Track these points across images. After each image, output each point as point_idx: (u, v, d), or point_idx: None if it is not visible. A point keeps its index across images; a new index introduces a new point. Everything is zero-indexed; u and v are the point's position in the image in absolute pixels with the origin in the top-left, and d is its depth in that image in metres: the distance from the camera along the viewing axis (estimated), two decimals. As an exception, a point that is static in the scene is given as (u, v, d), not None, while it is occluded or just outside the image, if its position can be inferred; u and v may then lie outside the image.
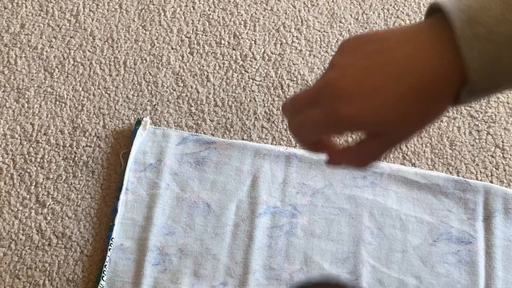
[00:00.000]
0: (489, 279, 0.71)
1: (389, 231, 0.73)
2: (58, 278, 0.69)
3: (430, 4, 0.48)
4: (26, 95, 0.82)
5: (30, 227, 0.72)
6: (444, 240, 0.73)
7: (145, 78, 0.84)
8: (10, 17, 0.88)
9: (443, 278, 0.71)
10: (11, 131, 0.79)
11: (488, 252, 0.72)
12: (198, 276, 0.70)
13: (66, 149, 0.78)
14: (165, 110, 0.81)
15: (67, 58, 0.85)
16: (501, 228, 0.74)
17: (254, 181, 0.76)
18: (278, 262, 0.71)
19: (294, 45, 0.87)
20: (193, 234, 0.72)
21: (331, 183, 0.76)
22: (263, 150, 0.78)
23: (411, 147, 0.79)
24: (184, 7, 0.90)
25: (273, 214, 0.74)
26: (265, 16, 0.90)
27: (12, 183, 0.75)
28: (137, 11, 0.89)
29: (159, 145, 0.78)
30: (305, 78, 0.84)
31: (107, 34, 0.87)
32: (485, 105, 0.83)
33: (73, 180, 0.76)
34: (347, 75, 0.52)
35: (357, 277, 0.70)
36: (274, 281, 0.70)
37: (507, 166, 0.79)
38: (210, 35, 0.88)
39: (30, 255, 0.71)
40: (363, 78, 0.51)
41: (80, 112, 0.81)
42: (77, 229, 0.72)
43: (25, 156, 0.77)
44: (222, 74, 0.84)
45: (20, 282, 0.69)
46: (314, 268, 0.71)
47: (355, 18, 0.90)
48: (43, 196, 0.74)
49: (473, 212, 0.75)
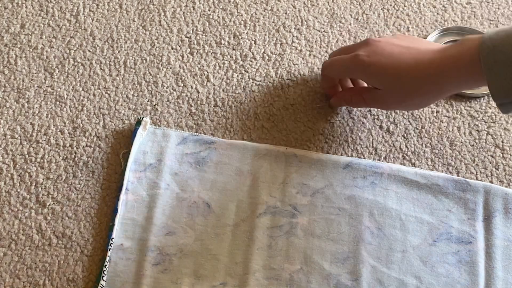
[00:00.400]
0: (489, 279, 0.71)
1: (389, 231, 0.73)
2: (58, 278, 0.69)
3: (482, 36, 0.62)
4: (26, 95, 0.82)
5: (30, 227, 0.72)
6: (444, 240, 0.73)
7: (145, 78, 0.84)
8: (10, 17, 0.88)
9: (443, 278, 0.71)
10: (11, 131, 0.79)
11: (488, 252, 0.72)
12: (198, 276, 0.70)
13: (66, 149, 0.78)
14: (165, 110, 0.81)
15: (67, 58, 0.85)
16: (501, 228, 0.74)
17: (254, 181, 0.76)
18: (278, 262, 0.71)
19: (294, 45, 0.87)
20: (193, 234, 0.72)
21: (331, 183, 0.76)
22: (263, 150, 0.78)
23: (411, 147, 0.79)
24: (184, 7, 0.90)
25: (273, 214, 0.74)
26: (265, 16, 0.90)
27: (12, 183, 0.75)
28: (137, 11, 0.89)
29: (159, 145, 0.78)
30: (305, 78, 0.84)
31: (107, 34, 0.87)
32: (485, 105, 0.83)
33: (73, 180, 0.76)
34: (382, 41, 0.71)
35: (357, 277, 0.70)
36: (274, 281, 0.70)
37: (507, 166, 0.79)
38: (210, 35, 0.88)
39: (30, 255, 0.71)
40: (392, 49, 0.70)
41: (80, 112, 0.81)
42: (77, 229, 0.72)
43: (25, 156, 0.77)
44: (222, 74, 0.84)
45: (20, 282, 0.69)
46: (314, 268, 0.71)
47: (355, 18, 0.90)
48: (43, 196, 0.74)
49: (473, 212, 0.75)
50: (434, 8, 0.92)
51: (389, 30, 0.89)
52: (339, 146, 0.79)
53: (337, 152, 0.79)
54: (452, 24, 0.90)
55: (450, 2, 0.92)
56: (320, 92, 0.83)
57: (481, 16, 0.91)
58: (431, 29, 0.89)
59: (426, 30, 0.89)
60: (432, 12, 0.91)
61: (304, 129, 0.80)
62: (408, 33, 0.89)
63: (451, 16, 0.91)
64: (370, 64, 0.70)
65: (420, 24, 0.90)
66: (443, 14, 0.91)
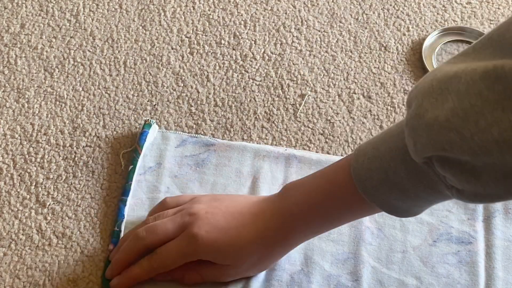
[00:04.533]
0: (489, 279, 0.71)
1: (389, 231, 0.73)
2: (58, 278, 0.69)
3: None
4: (26, 95, 0.82)
5: (30, 227, 0.72)
6: (444, 241, 0.73)
7: (145, 78, 0.84)
8: (10, 17, 0.88)
9: (443, 278, 0.71)
10: (11, 131, 0.79)
11: (488, 252, 0.72)
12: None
13: (66, 149, 0.78)
14: (165, 110, 0.81)
15: (67, 58, 0.85)
16: (501, 228, 0.74)
17: (254, 182, 0.76)
18: (279, 263, 0.71)
19: (294, 45, 0.87)
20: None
21: (331, 183, 0.75)
22: (263, 151, 0.78)
23: (411, 148, 0.79)
24: (184, 7, 0.90)
25: (273, 215, 0.74)
26: (265, 16, 0.90)
27: (12, 183, 0.75)
28: (137, 11, 0.89)
29: (158, 147, 0.77)
30: (305, 78, 0.84)
31: (107, 34, 0.87)
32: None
33: (73, 180, 0.76)
34: (208, 212, 0.66)
35: (358, 277, 0.70)
36: (275, 282, 0.70)
37: (507, 166, 0.79)
38: (210, 35, 0.88)
39: (30, 255, 0.71)
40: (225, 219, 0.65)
41: (80, 112, 0.81)
42: (77, 229, 0.72)
43: (25, 156, 0.77)
44: (222, 74, 0.84)
45: (20, 282, 0.69)
46: (314, 268, 0.71)
47: (355, 18, 0.90)
48: (43, 196, 0.74)
49: (473, 212, 0.75)
50: (434, 8, 0.92)
51: (389, 30, 0.89)
52: (339, 146, 0.79)
53: (337, 152, 0.79)
54: (452, 24, 0.90)
55: (450, 2, 0.92)
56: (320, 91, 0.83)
57: (481, 16, 0.91)
58: (431, 29, 0.89)
59: (426, 30, 0.89)
60: (432, 12, 0.91)
61: (304, 129, 0.80)
62: (408, 33, 0.89)
63: (451, 16, 0.91)
64: (213, 242, 0.64)
65: (420, 24, 0.90)
66: (443, 14, 0.91)
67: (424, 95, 0.52)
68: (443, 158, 0.52)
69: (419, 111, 0.52)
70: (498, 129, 0.47)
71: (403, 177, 0.58)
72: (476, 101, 0.47)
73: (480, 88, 0.47)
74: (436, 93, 0.50)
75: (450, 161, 0.52)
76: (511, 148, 0.47)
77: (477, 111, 0.47)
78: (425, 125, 0.51)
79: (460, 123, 0.48)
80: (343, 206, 0.64)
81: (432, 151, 0.52)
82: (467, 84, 0.48)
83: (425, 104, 0.51)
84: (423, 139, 0.52)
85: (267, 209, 0.66)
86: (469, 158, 0.50)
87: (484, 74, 0.47)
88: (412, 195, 0.59)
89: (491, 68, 0.47)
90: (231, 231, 0.65)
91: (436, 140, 0.51)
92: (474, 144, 0.48)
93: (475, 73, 0.48)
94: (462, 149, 0.49)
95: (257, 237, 0.65)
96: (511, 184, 0.51)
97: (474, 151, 0.49)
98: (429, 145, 0.52)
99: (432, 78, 0.52)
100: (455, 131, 0.49)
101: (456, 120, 0.49)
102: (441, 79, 0.51)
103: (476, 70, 0.48)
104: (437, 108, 0.50)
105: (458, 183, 0.53)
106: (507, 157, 0.48)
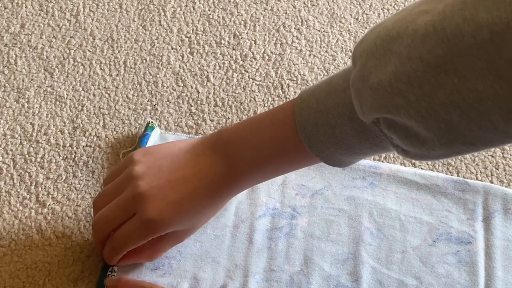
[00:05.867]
0: (489, 279, 0.71)
1: (388, 231, 0.73)
2: (58, 278, 0.70)
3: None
4: (26, 95, 0.82)
5: (30, 227, 0.72)
6: (444, 241, 0.73)
7: (145, 78, 0.84)
8: (10, 17, 0.88)
9: (443, 278, 0.71)
10: (11, 131, 0.79)
11: (488, 252, 0.72)
12: (198, 279, 0.70)
13: (66, 149, 0.78)
14: (165, 110, 0.81)
15: (67, 58, 0.85)
16: (500, 228, 0.74)
17: (253, 182, 0.76)
18: (278, 263, 0.71)
19: (294, 45, 0.87)
20: (192, 236, 0.72)
21: (330, 184, 0.76)
22: (263, 151, 0.78)
23: (411, 148, 0.79)
24: (184, 7, 0.90)
25: (272, 216, 0.74)
26: (265, 16, 0.90)
27: (12, 183, 0.75)
28: (137, 11, 0.89)
29: (157, 148, 0.77)
30: (305, 78, 0.84)
31: (107, 34, 0.87)
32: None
33: (73, 180, 0.76)
34: (153, 187, 0.63)
35: (357, 278, 0.70)
36: (275, 283, 0.70)
37: (507, 166, 0.79)
38: (210, 35, 0.88)
39: (30, 255, 0.71)
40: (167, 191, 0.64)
41: (80, 112, 0.81)
42: (77, 229, 0.72)
43: (25, 156, 0.77)
44: (222, 74, 0.84)
45: (20, 282, 0.69)
46: (314, 269, 0.71)
47: (355, 18, 0.90)
48: (43, 196, 0.74)
49: (473, 212, 0.75)
50: (434, 8, 0.91)
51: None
52: (339, 147, 0.79)
53: (337, 152, 0.79)
54: (452, 24, 0.90)
55: (450, 2, 0.92)
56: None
57: (481, 15, 0.91)
58: (431, 29, 0.89)
59: (426, 30, 0.89)
60: (432, 11, 0.91)
61: (304, 129, 0.80)
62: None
63: (451, 16, 0.91)
64: (170, 220, 0.64)
65: (420, 24, 0.90)
66: (443, 14, 0.91)
67: (368, 55, 0.51)
68: (390, 120, 0.52)
69: (363, 73, 0.51)
70: (444, 92, 0.46)
71: (349, 134, 0.58)
72: (418, 66, 0.47)
73: (421, 53, 0.47)
74: (380, 54, 0.50)
75: (397, 124, 0.51)
76: (457, 110, 0.47)
77: (419, 76, 0.47)
78: (370, 88, 0.51)
79: (404, 88, 0.48)
80: (290, 160, 0.64)
81: (378, 114, 0.52)
82: (408, 47, 0.48)
83: (369, 66, 0.51)
84: (369, 102, 0.52)
85: (213, 167, 0.65)
86: (415, 123, 0.50)
87: (425, 38, 0.47)
88: (356, 150, 0.59)
89: (432, 31, 0.46)
90: (184, 202, 0.64)
91: (382, 104, 0.50)
92: (421, 107, 0.48)
93: (416, 35, 0.47)
94: (409, 113, 0.49)
95: (211, 202, 0.65)
96: (457, 147, 0.51)
97: (421, 115, 0.49)
98: (376, 108, 0.51)
99: (376, 36, 0.51)
100: (400, 96, 0.49)
101: (400, 85, 0.48)
102: (384, 38, 0.50)
103: (417, 32, 0.47)
104: (380, 70, 0.50)
105: (404, 145, 0.53)
106: (454, 120, 0.48)
